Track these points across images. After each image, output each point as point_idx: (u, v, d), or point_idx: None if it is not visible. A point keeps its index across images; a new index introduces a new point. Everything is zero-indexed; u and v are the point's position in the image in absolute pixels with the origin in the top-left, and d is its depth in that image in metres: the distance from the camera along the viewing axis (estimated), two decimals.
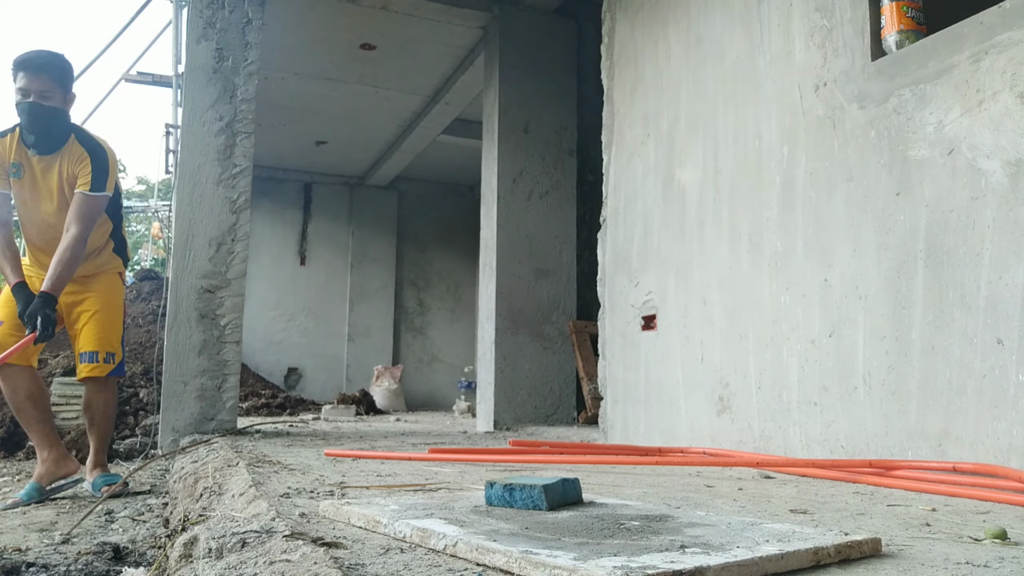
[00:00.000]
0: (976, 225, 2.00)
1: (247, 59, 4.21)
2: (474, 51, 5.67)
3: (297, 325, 9.29)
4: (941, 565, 0.97)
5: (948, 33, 2.13)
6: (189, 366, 3.91)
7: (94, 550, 2.09)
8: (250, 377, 8.35)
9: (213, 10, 4.18)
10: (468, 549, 0.98)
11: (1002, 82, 1.95)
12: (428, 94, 6.66)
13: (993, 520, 1.38)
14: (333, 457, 2.53)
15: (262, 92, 4.88)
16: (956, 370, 2.01)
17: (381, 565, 0.96)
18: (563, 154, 5.09)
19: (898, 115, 2.25)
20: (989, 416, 1.93)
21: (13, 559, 1.99)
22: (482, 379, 4.95)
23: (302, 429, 4.43)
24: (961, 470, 1.89)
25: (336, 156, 8.65)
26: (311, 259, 9.51)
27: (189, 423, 3.87)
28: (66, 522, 2.59)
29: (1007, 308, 1.90)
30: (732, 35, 2.98)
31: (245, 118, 4.15)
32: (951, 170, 2.08)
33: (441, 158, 8.46)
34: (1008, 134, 1.93)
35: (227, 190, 4.07)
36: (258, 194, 5.75)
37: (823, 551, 0.95)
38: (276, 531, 1.16)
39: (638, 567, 0.83)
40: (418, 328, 9.75)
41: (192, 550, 1.28)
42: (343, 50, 5.81)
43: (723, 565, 0.85)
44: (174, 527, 1.99)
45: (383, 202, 9.68)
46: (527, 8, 5.09)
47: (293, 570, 0.97)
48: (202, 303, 3.97)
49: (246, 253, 4.10)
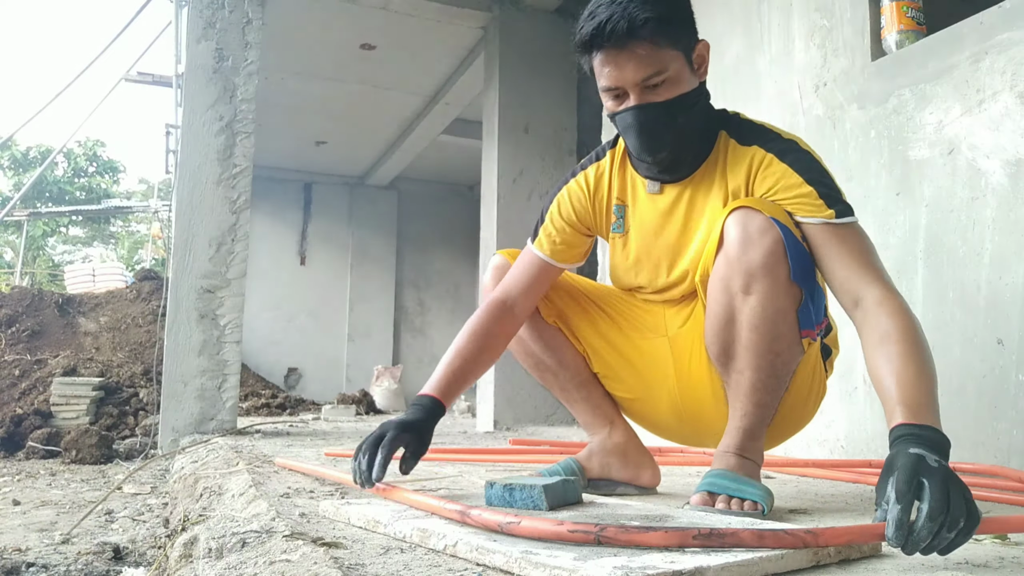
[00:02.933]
0: (976, 225, 2.00)
1: (247, 59, 4.20)
2: (474, 51, 5.67)
3: (297, 325, 9.28)
4: (941, 565, 0.97)
5: (948, 33, 2.13)
6: (189, 366, 3.91)
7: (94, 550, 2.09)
8: (250, 377, 8.35)
9: (213, 10, 4.18)
10: (468, 549, 0.98)
11: (1002, 82, 1.95)
12: (428, 94, 6.66)
13: None
14: (333, 457, 2.53)
15: (262, 92, 4.88)
16: (956, 370, 2.01)
17: (381, 565, 0.96)
18: (563, 154, 5.09)
19: (898, 115, 2.25)
20: (989, 416, 1.93)
21: (13, 559, 1.99)
22: (482, 379, 4.95)
23: (302, 429, 4.43)
24: (961, 470, 1.89)
25: (336, 156, 8.64)
26: (311, 259, 9.51)
27: (189, 423, 3.86)
28: (66, 522, 2.59)
29: (1007, 308, 1.90)
30: (732, 35, 2.98)
31: (245, 118, 4.15)
32: (951, 170, 2.08)
33: (441, 158, 8.46)
34: (1008, 134, 1.93)
35: (227, 190, 4.07)
36: (258, 194, 5.74)
37: (823, 551, 0.95)
38: (276, 531, 1.16)
39: (638, 567, 0.83)
40: (418, 328, 9.75)
41: (192, 550, 1.28)
42: (343, 50, 5.80)
43: (723, 565, 0.85)
44: (174, 527, 1.99)
45: (383, 202, 9.67)
46: (527, 8, 5.09)
47: (293, 570, 0.97)
48: (202, 303, 3.97)
49: (246, 253, 4.09)
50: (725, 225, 1.34)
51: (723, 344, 1.39)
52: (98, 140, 22.58)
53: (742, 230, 1.31)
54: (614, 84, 1.38)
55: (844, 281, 1.30)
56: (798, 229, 1.34)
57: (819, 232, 1.33)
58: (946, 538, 0.90)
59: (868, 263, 1.31)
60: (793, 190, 1.36)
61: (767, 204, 1.35)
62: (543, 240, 1.60)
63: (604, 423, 1.67)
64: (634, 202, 1.55)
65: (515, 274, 1.60)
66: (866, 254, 1.32)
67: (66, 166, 21.91)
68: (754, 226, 1.30)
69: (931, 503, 0.90)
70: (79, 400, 6.05)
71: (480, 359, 1.55)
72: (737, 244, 1.31)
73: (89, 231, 24.57)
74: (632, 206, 1.56)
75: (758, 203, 1.35)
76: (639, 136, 1.40)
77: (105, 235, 25.38)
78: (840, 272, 1.31)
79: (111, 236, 25.68)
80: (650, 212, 1.53)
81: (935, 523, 0.89)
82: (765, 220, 1.30)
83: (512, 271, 1.61)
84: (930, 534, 0.89)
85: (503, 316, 1.56)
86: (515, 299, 1.57)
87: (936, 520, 0.89)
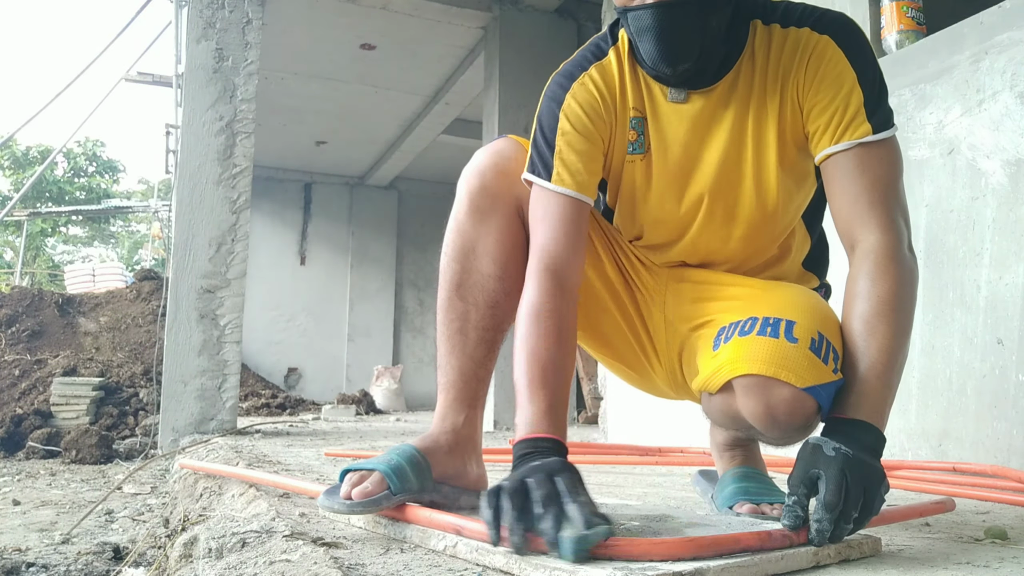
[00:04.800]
0: (976, 225, 2.00)
1: (247, 59, 4.21)
2: (474, 51, 5.67)
3: (297, 325, 9.29)
4: (941, 565, 0.97)
5: (948, 33, 2.13)
6: (189, 366, 3.91)
7: (94, 550, 2.09)
8: (250, 377, 8.35)
9: (213, 10, 4.18)
10: (468, 550, 0.98)
11: (1002, 82, 1.95)
12: (428, 94, 6.66)
13: (993, 520, 1.38)
14: (333, 457, 2.53)
15: (262, 92, 4.88)
16: (956, 370, 2.01)
17: (381, 565, 0.96)
18: None
19: (898, 115, 2.24)
20: (989, 416, 1.92)
21: (13, 559, 1.99)
22: None
23: (302, 429, 4.43)
24: (961, 470, 1.89)
25: (336, 156, 8.65)
26: (311, 259, 9.51)
27: (189, 423, 3.86)
28: (66, 522, 2.59)
29: (1007, 308, 1.90)
30: None
31: (245, 118, 4.15)
32: (951, 170, 2.08)
33: (441, 158, 8.46)
34: (1008, 134, 1.93)
35: (227, 190, 4.07)
36: (258, 194, 5.75)
37: (823, 551, 0.95)
38: (276, 531, 1.16)
39: (638, 568, 0.83)
40: (418, 328, 9.75)
41: (192, 550, 1.28)
42: (343, 50, 5.81)
43: (723, 566, 0.85)
44: (174, 527, 1.99)
45: (383, 202, 9.67)
46: (527, 8, 5.09)
47: (293, 570, 0.97)
48: (202, 303, 3.97)
49: (246, 253, 4.09)
50: (738, 387, 1.03)
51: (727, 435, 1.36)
52: (98, 140, 22.58)
53: (764, 408, 1.01)
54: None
55: (847, 220, 1.11)
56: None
57: (844, 158, 1.10)
58: (845, 528, 0.93)
59: (879, 199, 1.09)
60: (843, 97, 1.11)
61: (795, 356, 1.01)
62: (562, 172, 1.17)
63: (466, 405, 1.27)
64: (654, 114, 1.21)
65: (547, 231, 1.17)
66: (882, 186, 1.10)
67: (66, 166, 21.91)
68: (780, 403, 1.00)
69: (826, 494, 0.92)
70: (79, 400, 6.05)
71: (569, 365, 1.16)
72: (758, 420, 1.03)
73: (89, 231, 24.58)
74: (652, 118, 1.21)
75: (783, 361, 1.00)
76: (658, 41, 1.09)
77: (105, 235, 25.39)
78: (846, 208, 1.11)
79: (111, 236, 25.69)
80: (677, 125, 1.19)
81: (831, 513, 0.91)
82: (794, 397, 1.00)
83: (541, 228, 1.18)
84: (829, 524, 0.92)
85: (565, 294, 1.15)
86: (565, 263, 1.16)
87: (831, 510, 0.91)
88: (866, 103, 1.11)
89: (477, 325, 1.26)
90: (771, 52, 1.16)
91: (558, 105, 1.21)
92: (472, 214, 1.25)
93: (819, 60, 1.13)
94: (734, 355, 1.05)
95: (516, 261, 1.25)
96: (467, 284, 1.26)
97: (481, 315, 1.26)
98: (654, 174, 1.22)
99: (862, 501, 0.93)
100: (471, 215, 1.25)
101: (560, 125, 1.20)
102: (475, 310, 1.26)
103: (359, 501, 1.10)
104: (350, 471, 1.15)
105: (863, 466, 0.94)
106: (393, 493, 1.11)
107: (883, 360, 1.02)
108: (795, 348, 1.02)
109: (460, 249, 1.27)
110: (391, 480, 1.11)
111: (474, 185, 1.26)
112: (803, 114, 1.15)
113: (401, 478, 1.12)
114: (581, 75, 1.22)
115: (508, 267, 1.25)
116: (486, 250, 1.24)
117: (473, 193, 1.26)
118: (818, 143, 1.13)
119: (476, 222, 1.25)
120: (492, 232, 1.24)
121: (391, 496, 1.11)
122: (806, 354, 1.01)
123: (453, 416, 1.26)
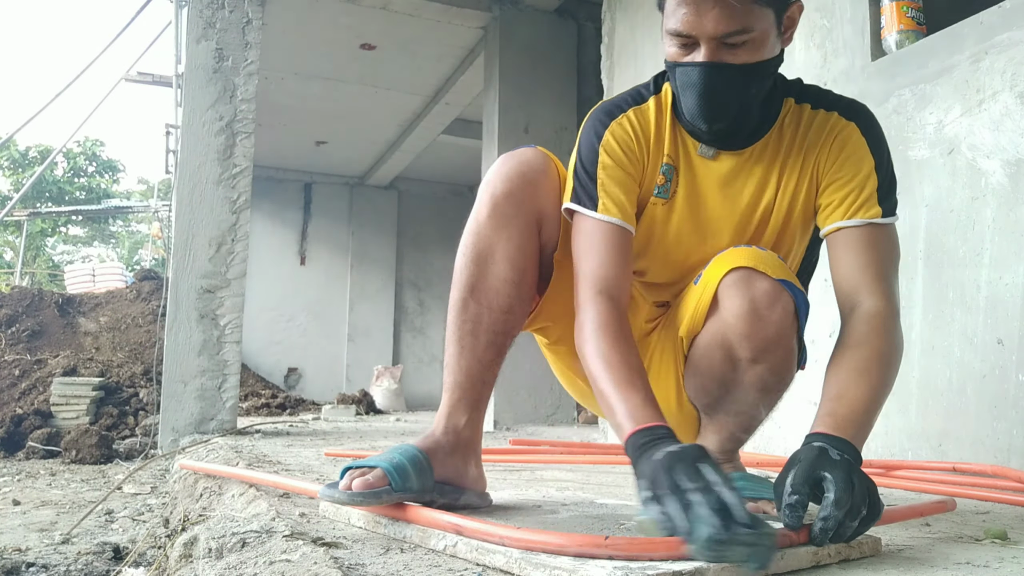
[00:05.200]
0: (976, 225, 2.00)
1: (247, 59, 4.20)
2: (474, 51, 5.67)
3: (297, 325, 9.28)
4: (941, 565, 0.97)
5: (948, 33, 2.13)
6: (189, 366, 3.91)
7: (94, 550, 2.09)
8: (250, 377, 8.35)
9: (213, 10, 4.18)
10: (468, 549, 0.98)
11: (1002, 82, 1.95)
12: (428, 94, 6.66)
13: (993, 520, 1.38)
14: (333, 457, 2.53)
15: (262, 92, 4.88)
16: (956, 370, 2.01)
17: (381, 565, 0.96)
18: (563, 154, 5.05)
19: (898, 115, 2.25)
20: (989, 416, 1.93)
21: (13, 559, 1.99)
22: None
23: (302, 429, 4.43)
24: (961, 470, 1.89)
25: (336, 156, 8.64)
26: (311, 259, 9.50)
27: (189, 423, 3.86)
28: (66, 522, 2.59)
29: (1007, 308, 1.90)
30: None
31: (245, 118, 4.15)
32: (951, 170, 2.08)
33: (441, 158, 8.45)
34: (1008, 134, 1.93)
35: (227, 190, 4.07)
36: (258, 194, 5.74)
37: (823, 551, 0.95)
38: (276, 531, 1.16)
39: (638, 567, 0.83)
40: (418, 328, 9.74)
41: (192, 550, 1.28)
42: (343, 50, 5.80)
43: (723, 565, 0.85)
44: (174, 527, 1.99)
45: (383, 202, 9.67)
46: (527, 8, 5.09)
47: (293, 570, 0.97)
48: (202, 303, 3.97)
49: (246, 253, 4.09)
50: (722, 289, 1.17)
51: (713, 398, 1.29)
52: (98, 140, 22.60)
53: (747, 301, 1.14)
54: (687, 31, 1.14)
55: (852, 284, 1.20)
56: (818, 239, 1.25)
57: (853, 233, 1.20)
58: (850, 527, 0.94)
59: (881, 273, 1.19)
60: (860, 179, 1.21)
61: (771, 260, 1.17)
62: (607, 203, 1.23)
63: (470, 407, 1.29)
64: (687, 164, 1.29)
65: (596, 258, 1.21)
66: (884, 262, 1.20)
67: (66, 166, 21.92)
68: (761, 295, 1.14)
69: (836, 492, 0.93)
70: (79, 400, 6.05)
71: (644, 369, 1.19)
72: (742, 318, 1.15)
73: (89, 231, 24.59)
74: (684, 169, 1.29)
75: (760, 260, 1.16)
76: (700, 98, 1.17)
77: (105, 235, 25.40)
78: (854, 275, 1.19)
79: (111, 236, 25.70)
80: (704, 179, 1.28)
81: (841, 511, 0.92)
82: (773, 287, 1.15)
83: (590, 256, 1.22)
84: (836, 523, 0.92)
85: (622, 315, 1.20)
86: (617, 287, 1.21)
87: (842, 508, 0.92)
88: (879, 188, 1.22)
89: (489, 328, 1.28)
90: (800, 128, 1.27)
91: (598, 139, 1.29)
92: (494, 218, 1.28)
93: (843, 142, 1.24)
94: (716, 267, 1.19)
95: (533, 269, 1.31)
96: (483, 287, 1.28)
97: (494, 319, 1.28)
98: (674, 220, 1.30)
99: (868, 502, 0.96)
100: (492, 219, 1.28)
101: (600, 159, 1.27)
102: (489, 313, 1.28)
103: (360, 491, 1.10)
104: (352, 468, 1.16)
105: (863, 473, 0.99)
106: (394, 490, 1.12)
107: (870, 397, 1.10)
108: (767, 253, 1.19)
109: (479, 252, 1.29)
110: (392, 477, 1.13)
111: (500, 190, 1.29)
112: (819, 188, 1.26)
113: (402, 476, 1.13)
114: (620, 115, 1.30)
115: (526, 274, 1.29)
116: (505, 255, 1.27)
117: (497, 197, 1.28)
118: (830, 215, 1.24)
119: (497, 226, 1.28)
120: (513, 238, 1.27)
121: (392, 492, 1.11)
122: (776, 259, 1.19)
123: (456, 417, 1.28)
